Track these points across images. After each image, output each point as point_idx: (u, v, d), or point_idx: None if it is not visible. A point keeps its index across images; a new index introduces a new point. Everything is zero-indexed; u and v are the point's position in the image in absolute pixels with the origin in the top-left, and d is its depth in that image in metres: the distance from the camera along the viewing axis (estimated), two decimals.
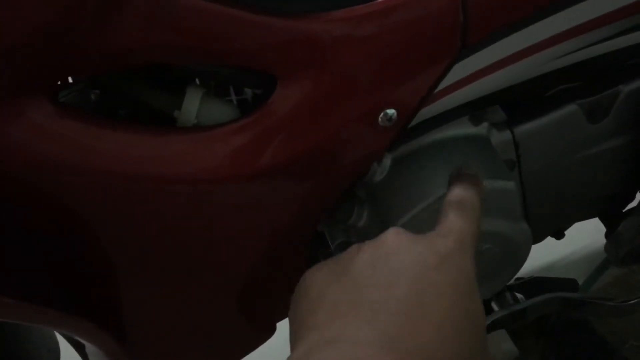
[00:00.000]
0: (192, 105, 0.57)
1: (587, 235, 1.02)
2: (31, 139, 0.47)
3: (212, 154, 0.52)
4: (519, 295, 0.86)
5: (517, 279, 0.89)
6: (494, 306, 0.85)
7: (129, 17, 0.46)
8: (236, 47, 0.51)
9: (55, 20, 0.43)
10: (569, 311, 0.84)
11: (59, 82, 0.50)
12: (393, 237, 0.40)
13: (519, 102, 0.71)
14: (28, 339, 0.84)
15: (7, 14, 0.41)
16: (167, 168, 0.51)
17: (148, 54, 0.50)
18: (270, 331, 0.79)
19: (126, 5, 0.45)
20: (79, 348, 0.63)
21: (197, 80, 0.61)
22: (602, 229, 0.90)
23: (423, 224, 0.66)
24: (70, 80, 0.58)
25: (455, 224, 0.41)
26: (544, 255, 1.23)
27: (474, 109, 0.68)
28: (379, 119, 0.59)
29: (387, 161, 0.67)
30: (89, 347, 0.60)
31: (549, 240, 0.91)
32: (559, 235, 0.92)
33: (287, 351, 0.37)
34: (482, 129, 0.69)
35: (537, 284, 0.90)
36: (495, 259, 0.73)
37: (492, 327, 0.84)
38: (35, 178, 0.49)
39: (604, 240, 0.89)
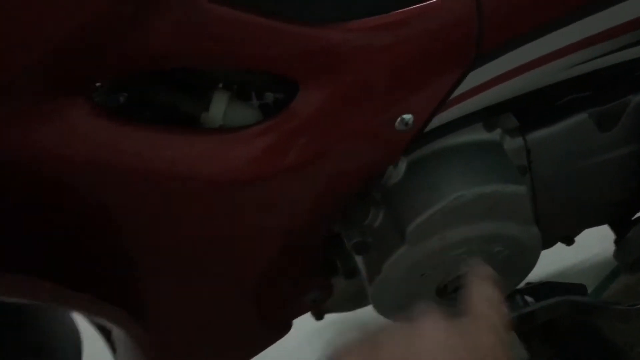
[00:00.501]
0: (219, 108, 0.59)
1: (597, 242, 1.03)
2: (68, 137, 0.50)
3: (239, 154, 0.55)
4: (528, 299, 0.88)
5: (527, 283, 0.91)
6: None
7: (164, 23, 0.49)
8: (262, 54, 0.54)
9: (98, 22, 0.46)
10: (578, 315, 0.86)
11: (97, 84, 0.53)
12: (429, 330, 0.39)
13: (530, 109, 0.73)
14: (51, 332, 0.86)
15: (55, 14, 0.44)
16: (195, 167, 0.54)
17: (179, 59, 0.53)
18: (285, 329, 0.82)
19: (161, 11, 0.48)
20: (106, 333, 0.66)
21: (221, 84, 0.64)
22: (612, 236, 0.92)
23: (436, 226, 0.68)
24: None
25: (488, 316, 0.41)
26: (553, 262, 1.24)
27: (488, 116, 0.70)
28: (396, 124, 0.62)
29: (403, 165, 0.69)
30: (116, 333, 0.63)
31: (559, 247, 0.92)
32: (569, 241, 0.94)
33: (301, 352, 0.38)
34: (495, 135, 0.72)
35: (546, 288, 0.92)
36: (505, 261, 0.75)
37: None
38: (68, 175, 0.52)
39: (613, 248, 0.91)
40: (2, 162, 0.48)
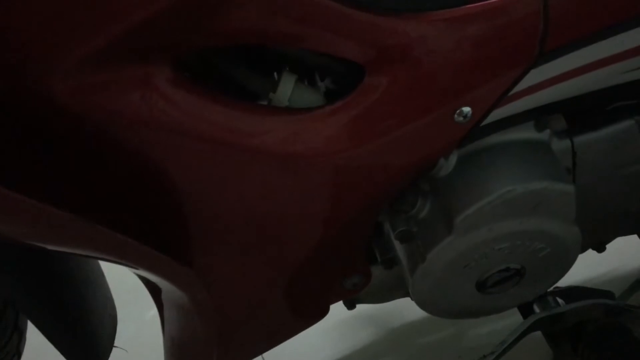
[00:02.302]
0: (287, 89, 0.62)
1: (623, 250, 1.05)
2: (153, 101, 0.52)
3: (314, 132, 0.58)
4: (559, 300, 0.90)
5: (555, 287, 0.93)
6: (536, 308, 0.89)
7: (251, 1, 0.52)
8: (338, 38, 0.57)
9: None
10: (608, 318, 0.88)
11: (182, 53, 0.55)
12: None
13: (579, 112, 0.75)
14: (91, 303, 0.88)
15: None
16: (269, 142, 0.57)
17: (258, 36, 0.55)
18: (323, 313, 0.84)
19: None
20: (155, 294, 0.69)
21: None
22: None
23: (485, 218, 0.70)
24: None
25: None
26: (581, 270, 1.25)
27: (538, 116, 0.72)
28: (455, 115, 0.64)
29: (454, 158, 0.71)
30: (165, 294, 0.65)
31: (587, 257, 0.94)
32: (600, 248, 0.96)
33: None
34: (544, 135, 0.73)
35: (576, 292, 0.93)
36: (545, 259, 0.77)
37: (531, 329, 0.87)
38: (147, 136, 0.54)
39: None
40: (94, 121, 0.50)
